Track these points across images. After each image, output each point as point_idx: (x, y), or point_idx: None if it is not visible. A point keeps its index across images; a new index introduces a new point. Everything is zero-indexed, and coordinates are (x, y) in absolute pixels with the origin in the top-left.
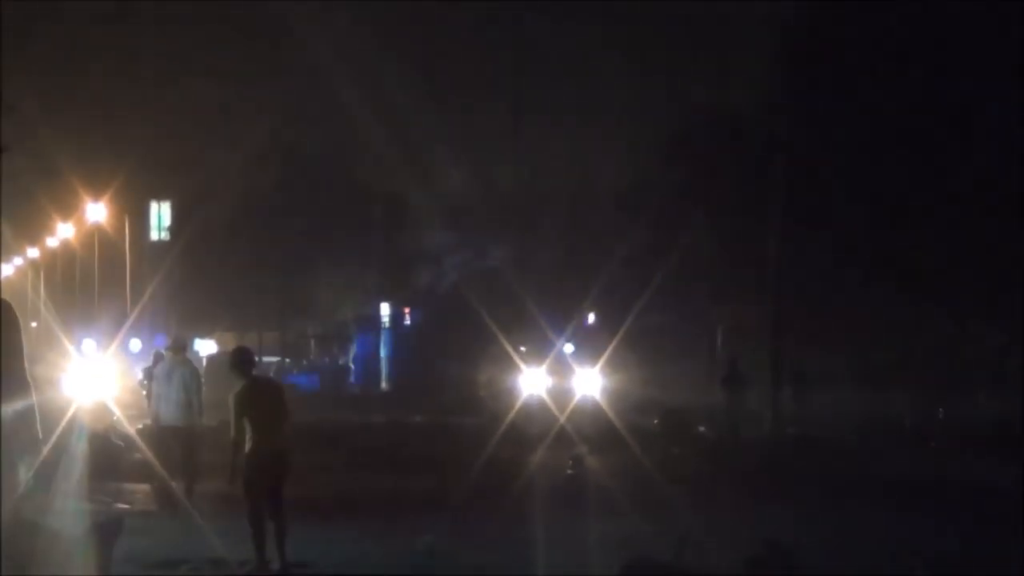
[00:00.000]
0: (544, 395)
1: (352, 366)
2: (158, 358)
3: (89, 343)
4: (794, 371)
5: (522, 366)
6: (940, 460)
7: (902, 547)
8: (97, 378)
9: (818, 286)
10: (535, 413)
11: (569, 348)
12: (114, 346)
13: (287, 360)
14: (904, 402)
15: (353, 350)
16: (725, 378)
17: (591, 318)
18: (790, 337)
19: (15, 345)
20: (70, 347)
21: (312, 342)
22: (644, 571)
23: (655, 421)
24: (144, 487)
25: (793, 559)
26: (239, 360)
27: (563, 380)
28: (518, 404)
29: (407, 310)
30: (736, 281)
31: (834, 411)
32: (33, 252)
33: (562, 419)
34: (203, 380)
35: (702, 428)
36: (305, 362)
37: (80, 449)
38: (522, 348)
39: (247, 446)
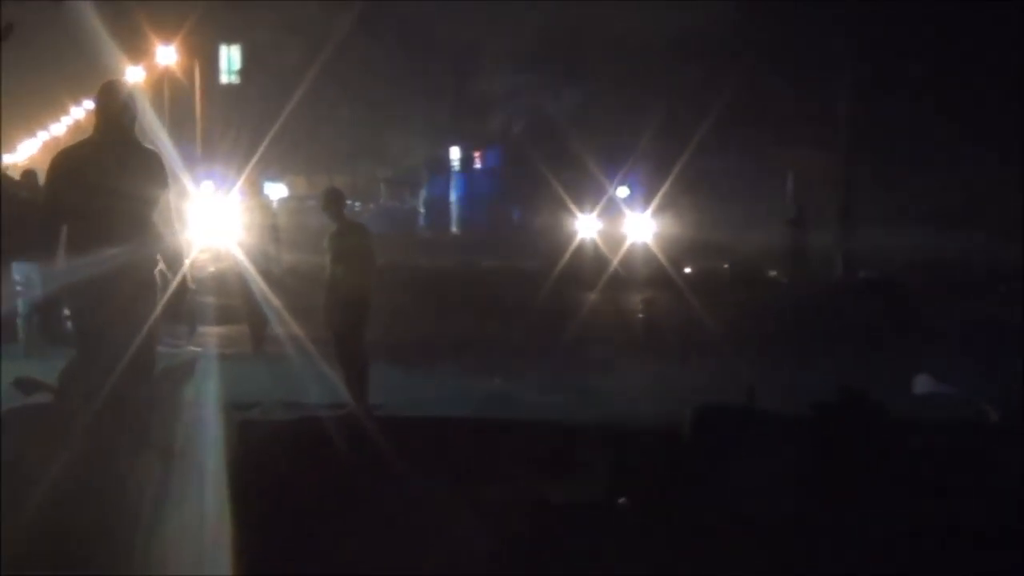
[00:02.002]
0: (597, 239)
1: (422, 210)
2: None
3: None
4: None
5: (575, 210)
6: (1010, 304)
7: (974, 392)
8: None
9: (890, 128)
10: (589, 258)
11: (624, 192)
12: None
13: (357, 203)
14: (975, 245)
15: (423, 194)
16: (793, 220)
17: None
18: (862, 179)
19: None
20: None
21: (382, 185)
22: (715, 416)
23: (724, 266)
24: (216, 330)
25: (864, 403)
26: (329, 201)
27: (616, 225)
28: (571, 248)
29: (477, 153)
30: (805, 122)
31: (905, 254)
32: None
33: (615, 263)
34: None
35: (773, 273)
36: (374, 205)
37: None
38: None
39: (330, 289)
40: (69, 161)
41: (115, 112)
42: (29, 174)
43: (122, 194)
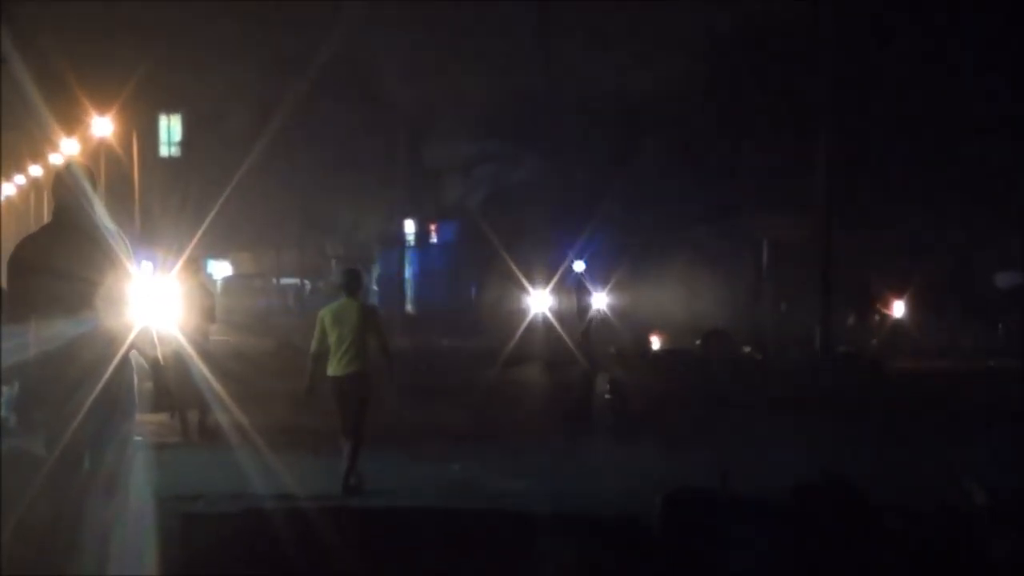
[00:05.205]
0: (551, 316)
1: (375, 287)
2: None
3: None
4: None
5: (528, 287)
6: (997, 382)
7: (960, 473)
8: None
9: (867, 197)
10: (542, 335)
11: (580, 266)
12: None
13: (306, 281)
14: (956, 323)
15: (376, 270)
16: None
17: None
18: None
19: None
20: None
21: (333, 262)
22: (688, 501)
23: (697, 342)
24: (157, 418)
25: (845, 487)
26: (348, 281)
27: (572, 300)
28: (523, 326)
29: (432, 227)
30: (781, 191)
31: (884, 332)
32: (36, 170)
33: (569, 341)
34: (216, 305)
35: (747, 349)
36: (323, 283)
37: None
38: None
39: (331, 366)
40: (29, 250)
41: (71, 196)
42: None
43: (81, 278)
